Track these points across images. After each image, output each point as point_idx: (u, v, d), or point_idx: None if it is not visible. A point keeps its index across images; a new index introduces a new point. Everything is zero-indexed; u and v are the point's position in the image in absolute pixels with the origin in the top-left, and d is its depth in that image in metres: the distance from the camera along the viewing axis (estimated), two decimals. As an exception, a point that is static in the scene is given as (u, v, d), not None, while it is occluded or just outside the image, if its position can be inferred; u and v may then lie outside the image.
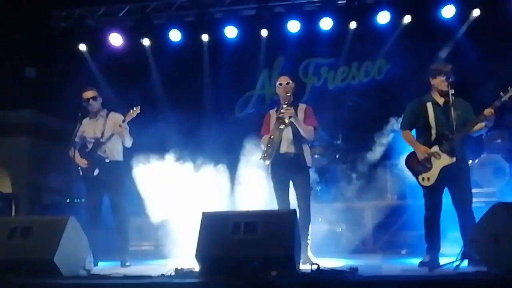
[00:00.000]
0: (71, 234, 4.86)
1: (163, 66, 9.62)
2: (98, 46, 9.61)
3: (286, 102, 5.81)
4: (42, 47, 8.99)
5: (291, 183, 5.92)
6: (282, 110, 5.76)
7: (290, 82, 5.96)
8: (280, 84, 5.98)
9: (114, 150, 6.47)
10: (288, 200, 5.90)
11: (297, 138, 5.83)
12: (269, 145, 5.78)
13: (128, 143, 6.48)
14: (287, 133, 5.82)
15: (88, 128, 6.54)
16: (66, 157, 6.57)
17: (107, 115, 6.58)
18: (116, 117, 6.50)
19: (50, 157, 9.45)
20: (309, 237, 5.81)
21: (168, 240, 7.13)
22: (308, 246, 5.81)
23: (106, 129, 6.46)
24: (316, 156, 7.70)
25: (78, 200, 8.17)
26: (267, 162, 5.80)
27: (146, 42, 9.62)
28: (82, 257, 5.10)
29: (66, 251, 4.73)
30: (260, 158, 5.85)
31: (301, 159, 5.84)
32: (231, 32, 9.36)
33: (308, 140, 5.96)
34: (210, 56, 9.67)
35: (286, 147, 5.82)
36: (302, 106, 6.03)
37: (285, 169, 5.83)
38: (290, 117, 5.69)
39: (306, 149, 5.91)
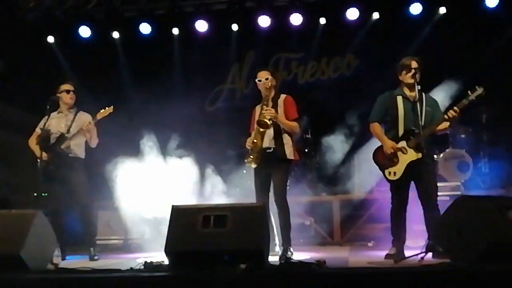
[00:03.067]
0: (38, 229, 4.80)
1: (133, 60, 9.55)
2: (66, 38, 9.50)
3: (265, 103, 5.76)
4: (10, 39, 8.81)
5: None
6: (262, 112, 5.67)
7: (270, 77, 5.86)
8: (259, 81, 5.89)
9: (76, 146, 6.41)
10: (268, 196, 5.86)
11: (278, 133, 5.78)
12: (253, 149, 5.75)
13: (94, 143, 6.44)
14: (269, 130, 5.74)
15: (55, 122, 6.46)
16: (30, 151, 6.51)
17: (76, 113, 6.53)
18: (85, 117, 6.46)
19: (16, 150, 9.28)
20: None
21: (137, 234, 7.13)
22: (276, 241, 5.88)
23: (72, 126, 6.40)
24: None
25: (45, 194, 8.10)
26: (254, 165, 5.79)
27: (115, 35, 9.54)
28: (49, 251, 5.05)
29: (33, 245, 4.67)
30: (247, 162, 5.84)
31: (281, 153, 5.75)
32: (201, 26, 9.34)
33: (293, 134, 5.89)
34: (180, 50, 9.63)
35: (267, 142, 5.76)
36: (282, 97, 5.92)
37: (265, 163, 5.76)
38: (270, 119, 5.61)
39: (287, 142, 5.80)
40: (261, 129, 5.70)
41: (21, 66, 9.07)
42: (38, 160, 6.26)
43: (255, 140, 5.76)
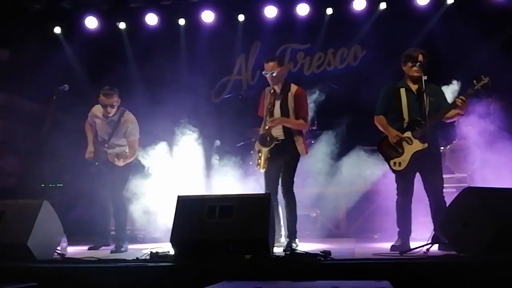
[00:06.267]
0: (45, 218, 4.85)
1: (139, 50, 9.52)
2: (73, 29, 9.49)
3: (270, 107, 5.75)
4: (16, 29, 8.82)
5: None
6: (267, 127, 5.68)
7: (276, 70, 5.73)
8: (266, 74, 5.81)
9: (115, 156, 6.19)
10: (277, 187, 5.82)
11: (288, 128, 5.76)
12: (260, 154, 5.73)
13: (130, 157, 6.27)
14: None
15: (100, 124, 6.38)
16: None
17: (120, 116, 6.32)
18: (129, 120, 6.32)
19: (23, 141, 9.31)
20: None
21: (143, 224, 7.14)
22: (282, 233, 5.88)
23: (115, 133, 6.28)
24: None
25: (53, 185, 8.15)
26: (262, 170, 5.79)
27: (122, 25, 9.53)
28: (56, 241, 5.09)
29: (40, 235, 4.72)
30: (256, 167, 5.86)
31: (290, 146, 5.73)
32: (208, 16, 9.32)
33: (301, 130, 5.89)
34: (186, 41, 9.61)
35: (276, 134, 5.74)
36: (293, 89, 5.82)
37: (275, 156, 5.73)
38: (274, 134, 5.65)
39: (298, 139, 5.77)
40: (264, 148, 5.70)
41: (27, 56, 9.09)
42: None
43: (260, 154, 5.75)
